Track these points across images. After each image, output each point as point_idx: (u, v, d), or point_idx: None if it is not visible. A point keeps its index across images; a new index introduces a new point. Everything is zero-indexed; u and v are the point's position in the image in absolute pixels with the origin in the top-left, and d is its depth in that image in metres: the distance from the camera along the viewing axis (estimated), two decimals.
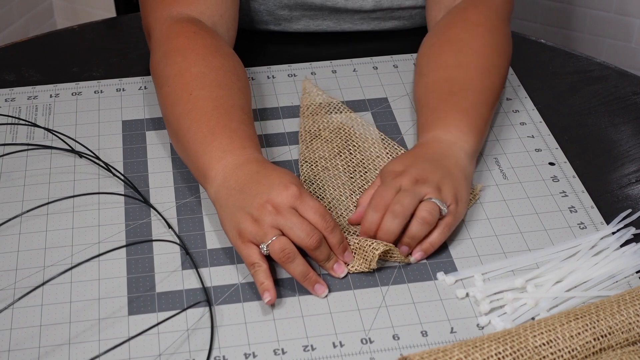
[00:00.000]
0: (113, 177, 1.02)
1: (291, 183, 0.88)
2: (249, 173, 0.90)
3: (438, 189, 0.91)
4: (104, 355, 0.82)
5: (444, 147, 0.96)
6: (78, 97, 1.14)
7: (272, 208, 0.86)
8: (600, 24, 2.06)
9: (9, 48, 1.25)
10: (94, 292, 0.89)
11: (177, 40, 1.03)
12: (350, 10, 1.22)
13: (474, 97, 1.01)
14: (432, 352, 0.74)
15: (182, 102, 0.98)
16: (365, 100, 1.14)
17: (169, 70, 1.01)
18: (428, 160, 0.94)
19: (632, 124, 1.12)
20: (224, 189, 0.91)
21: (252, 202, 0.87)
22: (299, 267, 0.87)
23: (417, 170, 0.92)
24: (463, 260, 0.92)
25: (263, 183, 0.89)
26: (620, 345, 0.78)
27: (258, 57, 1.22)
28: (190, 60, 1.01)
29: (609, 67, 1.21)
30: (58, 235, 0.95)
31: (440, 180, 0.92)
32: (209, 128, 0.95)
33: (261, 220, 0.86)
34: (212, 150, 0.93)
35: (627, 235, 0.94)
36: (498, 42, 1.08)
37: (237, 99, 0.99)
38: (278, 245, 0.86)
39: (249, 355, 0.83)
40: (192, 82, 0.99)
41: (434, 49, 1.08)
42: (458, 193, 0.93)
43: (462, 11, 1.11)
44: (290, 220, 0.86)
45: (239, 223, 0.88)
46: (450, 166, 0.94)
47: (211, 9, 1.08)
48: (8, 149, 1.06)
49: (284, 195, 0.87)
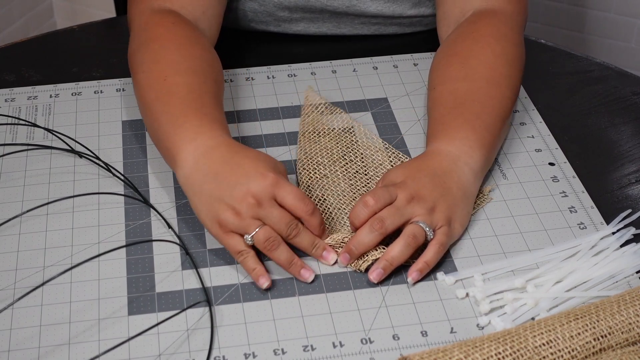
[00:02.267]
0: (113, 177, 1.02)
1: (267, 171, 0.89)
2: (222, 159, 0.91)
3: (431, 210, 0.90)
4: (104, 355, 0.82)
5: (449, 162, 0.94)
6: (78, 97, 1.14)
7: (253, 200, 0.87)
8: (600, 24, 2.06)
9: (9, 48, 1.25)
10: (93, 292, 0.89)
11: (155, 30, 1.05)
12: (350, 15, 1.22)
13: (480, 109, 0.99)
14: (432, 352, 0.74)
15: (156, 86, 0.99)
16: (365, 100, 1.14)
17: (145, 57, 1.03)
18: (429, 175, 0.93)
19: (632, 124, 1.12)
20: (196, 172, 0.91)
21: (231, 193, 0.88)
22: (284, 254, 0.89)
23: (416, 186, 0.91)
24: (463, 260, 0.92)
25: (238, 172, 0.89)
26: (620, 345, 0.78)
27: (258, 57, 1.22)
28: (168, 48, 1.02)
29: (609, 67, 1.21)
30: (58, 235, 0.95)
31: (437, 199, 0.91)
32: (181, 111, 0.96)
33: (242, 213, 0.87)
34: (182, 132, 0.94)
35: (627, 235, 0.94)
36: (508, 51, 1.05)
37: (211, 87, 1.00)
38: (262, 235, 0.87)
39: (249, 355, 0.83)
40: (167, 69, 1.00)
41: (442, 63, 1.07)
42: (453, 214, 0.92)
43: (472, 24, 1.09)
44: (270, 212, 0.88)
45: (218, 214, 0.89)
46: (450, 184, 0.93)
47: (193, 4, 1.09)
48: (8, 149, 1.06)
49: (262, 185, 0.88)
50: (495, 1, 1.10)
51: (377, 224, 0.88)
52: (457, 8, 1.12)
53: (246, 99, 1.14)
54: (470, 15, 1.11)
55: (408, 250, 0.88)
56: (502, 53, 1.05)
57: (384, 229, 0.88)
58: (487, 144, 0.98)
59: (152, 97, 0.99)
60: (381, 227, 0.88)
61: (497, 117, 1.00)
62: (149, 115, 0.99)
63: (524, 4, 1.13)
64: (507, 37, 1.07)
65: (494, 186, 1.00)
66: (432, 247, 0.90)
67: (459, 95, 1.01)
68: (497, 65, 1.04)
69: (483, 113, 0.99)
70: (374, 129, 1.09)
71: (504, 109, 1.01)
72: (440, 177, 0.93)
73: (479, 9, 1.10)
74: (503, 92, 1.02)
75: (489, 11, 1.10)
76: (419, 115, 1.11)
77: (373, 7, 1.20)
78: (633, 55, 2.06)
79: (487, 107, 1.00)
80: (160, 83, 0.99)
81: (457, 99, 1.01)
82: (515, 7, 1.11)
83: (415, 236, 0.89)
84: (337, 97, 1.14)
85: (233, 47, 1.24)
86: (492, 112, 1.00)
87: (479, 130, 0.98)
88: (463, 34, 1.08)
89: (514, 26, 1.09)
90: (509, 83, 1.03)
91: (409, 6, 1.22)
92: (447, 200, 0.92)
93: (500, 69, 1.04)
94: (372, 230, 0.88)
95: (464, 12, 1.12)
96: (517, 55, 1.06)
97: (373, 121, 1.10)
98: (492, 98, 1.01)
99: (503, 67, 1.04)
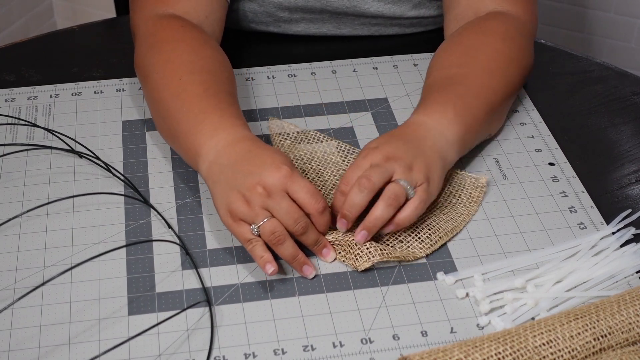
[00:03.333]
0: (113, 177, 1.02)
1: (283, 163, 0.89)
2: (241, 151, 0.91)
3: (409, 168, 0.91)
4: (104, 355, 0.82)
5: (423, 130, 0.95)
6: (78, 98, 1.14)
7: (263, 190, 0.88)
8: (600, 24, 2.06)
9: (9, 48, 1.25)
10: (94, 292, 0.89)
11: (164, 33, 1.05)
12: (350, 16, 1.22)
13: (465, 91, 1.00)
14: (432, 352, 0.74)
15: (172, 85, 0.99)
16: (365, 100, 1.14)
17: (157, 58, 1.03)
18: (403, 139, 0.94)
19: (632, 124, 1.12)
20: (216, 165, 0.92)
21: (244, 181, 0.88)
22: (289, 249, 0.89)
23: (390, 148, 0.92)
24: (463, 260, 0.92)
25: (255, 162, 0.90)
26: (620, 345, 0.78)
27: (258, 57, 1.22)
28: (180, 49, 1.03)
29: (609, 67, 1.21)
30: (58, 235, 0.95)
31: (413, 159, 0.92)
32: (200, 108, 0.96)
33: (252, 202, 0.88)
34: (203, 129, 0.94)
35: (627, 235, 0.94)
36: (512, 51, 1.06)
37: (225, 85, 1.01)
38: (269, 228, 0.88)
39: (249, 355, 0.83)
40: (182, 68, 1.00)
41: (444, 52, 1.08)
42: (430, 173, 0.92)
43: (482, 20, 1.10)
44: (279, 204, 0.88)
45: (230, 202, 0.89)
46: (424, 148, 0.93)
47: (196, 9, 1.10)
48: (8, 149, 1.06)
49: (275, 177, 0.88)
50: (509, 6, 1.11)
51: (364, 182, 0.89)
52: (471, 10, 1.12)
53: (246, 99, 1.14)
54: (483, 15, 1.11)
55: (390, 209, 0.89)
56: (505, 51, 1.05)
57: (371, 185, 0.89)
58: (466, 123, 0.98)
59: (168, 97, 0.99)
60: (369, 183, 0.89)
61: (483, 103, 1.00)
62: (165, 114, 0.99)
63: (535, 13, 1.14)
64: (514, 39, 1.07)
65: (489, 177, 1.01)
66: (412, 202, 0.90)
67: (452, 79, 1.02)
68: (497, 58, 1.05)
69: (467, 95, 1.00)
70: (374, 129, 1.09)
71: (490, 96, 1.01)
72: (414, 141, 0.94)
73: (492, 12, 1.11)
74: (498, 81, 1.03)
75: (502, 13, 1.11)
76: None
77: (373, 8, 1.20)
78: (633, 55, 2.06)
79: (473, 90, 1.00)
80: (175, 82, 0.99)
81: (447, 81, 1.02)
82: (528, 15, 1.12)
83: (397, 195, 0.89)
84: (337, 97, 1.14)
85: (233, 48, 1.24)
86: (478, 97, 1.00)
87: (460, 108, 0.98)
88: (470, 27, 1.09)
89: (523, 31, 1.09)
90: (505, 76, 1.04)
91: (409, 7, 1.22)
92: (423, 159, 0.92)
93: (499, 62, 1.04)
94: (362, 190, 0.89)
95: (477, 14, 1.12)
96: (520, 56, 1.07)
97: (373, 121, 1.10)
98: (482, 85, 1.01)
99: (502, 62, 1.05)
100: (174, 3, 1.09)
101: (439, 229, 0.94)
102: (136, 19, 1.10)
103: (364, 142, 1.07)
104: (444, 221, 0.95)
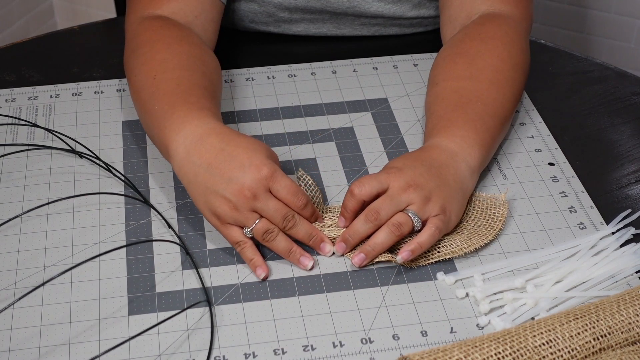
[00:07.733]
0: (113, 177, 1.02)
1: (262, 164, 0.89)
2: (213, 149, 0.91)
3: (426, 199, 0.91)
4: (104, 355, 0.82)
5: (447, 157, 0.95)
6: (78, 98, 1.14)
7: (250, 193, 0.88)
8: (600, 24, 2.06)
9: (9, 48, 1.25)
10: (94, 292, 0.89)
11: (144, 35, 1.06)
12: (350, 16, 1.22)
13: (483, 110, 1.00)
14: (432, 352, 0.74)
15: (147, 86, 1.00)
16: (365, 100, 1.14)
17: (136, 61, 1.04)
18: (426, 165, 0.93)
19: (632, 124, 1.12)
20: (189, 163, 0.92)
21: (227, 187, 0.89)
22: (282, 244, 0.90)
23: (413, 173, 0.92)
24: (463, 260, 0.92)
25: (232, 165, 0.89)
26: (619, 345, 0.78)
27: (258, 57, 1.22)
28: (155, 49, 1.03)
29: (609, 68, 1.21)
30: (58, 235, 0.95)
31: (433, 189, 0.91)
32: (169, 104, 0.96)
33: (240, 207, 0.89)
34: (172, 124, 0.95)
35: (627, 235, 0.94)
36: (514, 55, 1.06)
37: (199, 80, 1.00)
38: (261, 228, 0.89)
39: (249, 355, 0.83)
40: (156, 68, 1.01)
41: (447, 60, 1.07)
42: (448, 205, 0.92)
43: (479, 25, 1.09)
44: (267, 204, 0.89)
45: (214, 206, 0.90)
46: (447, 176, 0.93)
47: (184, 9, 1.10)
48: (8, 149, 1.06)
49: (257, 179, 0.88)
50: (502, 6, 1.11)
51: (372, 215, 0.90)
52: (463, 12, 1.12)
53: (246, 99, 1.14)
54: (478, 18, 1.11)
55: (391, 237, 0.89)
56: (508, 57, 1.05)
57: (378, 220, 0.90)
58: (486, 144, 0.98)
59: (144, 97, 1.00)
60: (376, 219, 0.90)
61: (498, 119, 1.01)
62: (144, 114, 1.00)
63: (530, 10, 1.13)
64: (514, 42, 1.07)
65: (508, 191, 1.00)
66: (427, 229, 0.90)
67: (463, 94, 1.01)
68: (503, 68, 1.04)
69: (485, 114, 0.99)
70: (374, 129, 1.09)
71: (504, 112, 1.02)
72: (437, 168, 0.93)
73: (485, 13, 1.11)
74: (506, 95, 1.03)
75: (497, 15, 1.10)
76: (419, 116, 1.11)
77: (373, 8, 1.20)
78: (633, 55, 2.06)
79: (489, 108, 1.00)
80: (150, 82, 1.00)
81: (461, 97, 1.01)
82: (522, 13, 1.11)
83: (400, 225, 0.89)
84: (337, 97, 1.14)
85: (233, 48, 1.24)
86: (494, 114, 1.00)
87: (480, 130, 0.98)
88: (470, 35, 1.09)
89: (520, 31, 1.09)
90: (513, 86, 1.04)
91: (409, 8, 1.22)
92: (443, 190, 0.92)
93: (506, 72, 1.04)
94: (367, 221, 0.90)
95: (470, 15, 1.12)
96: (522, 60, 1.07)
97: (373, 121, 1.11)
98: (495, 100, 1.01)
99: (508, 71, 1.04)
100: (162, 4, 1.10)
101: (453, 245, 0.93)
102: (126, 23, 1.12)
103: (364, 142, 1.07)
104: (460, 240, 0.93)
